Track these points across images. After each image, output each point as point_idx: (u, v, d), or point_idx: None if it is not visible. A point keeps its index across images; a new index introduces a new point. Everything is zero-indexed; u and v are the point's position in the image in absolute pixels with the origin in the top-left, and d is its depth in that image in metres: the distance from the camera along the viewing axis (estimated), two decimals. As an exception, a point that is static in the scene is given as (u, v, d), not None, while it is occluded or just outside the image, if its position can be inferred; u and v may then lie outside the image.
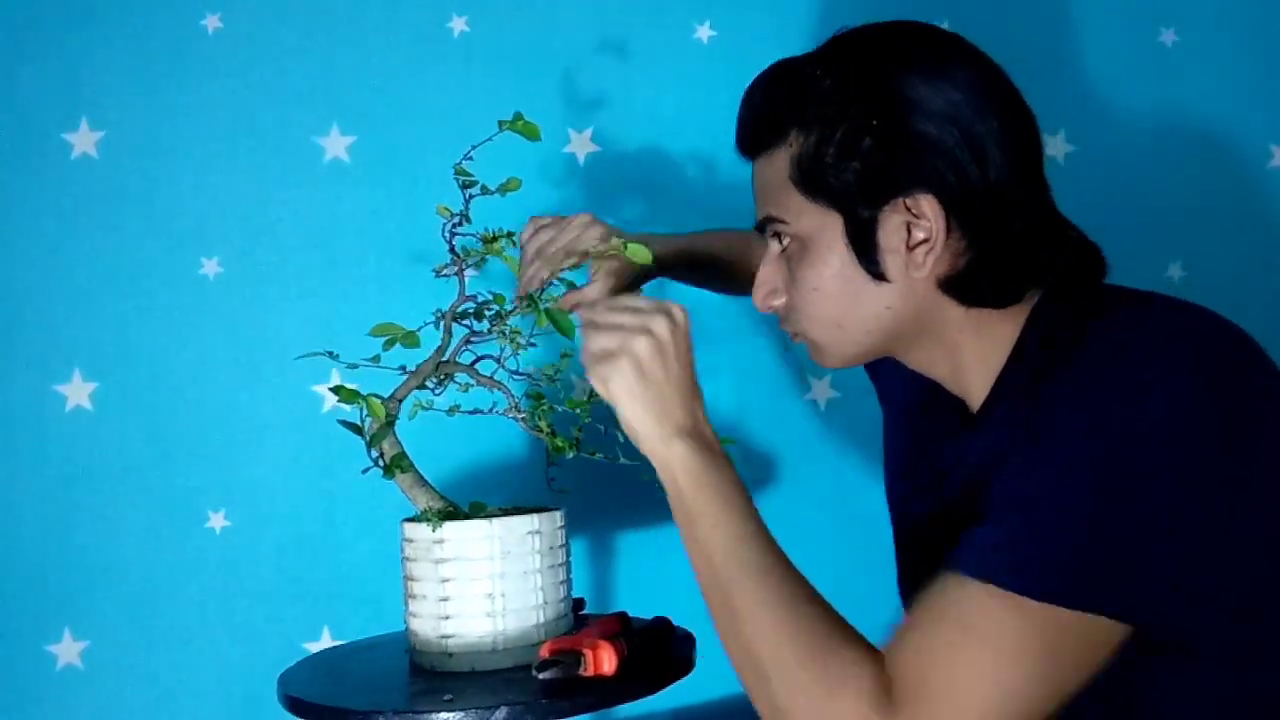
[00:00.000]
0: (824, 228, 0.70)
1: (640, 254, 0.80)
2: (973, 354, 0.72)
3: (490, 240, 0.81)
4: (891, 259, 0.69)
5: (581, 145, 1.15)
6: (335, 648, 0.96)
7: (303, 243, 1.11)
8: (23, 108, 1.07)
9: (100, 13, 1.08)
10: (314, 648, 1.07)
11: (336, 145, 1.12)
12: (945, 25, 1.18)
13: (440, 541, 0.76)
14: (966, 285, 0.69)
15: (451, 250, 0.80)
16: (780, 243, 0.74)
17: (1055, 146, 1.20)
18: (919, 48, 0.72)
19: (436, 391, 0.81)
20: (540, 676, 0.69)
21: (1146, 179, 1.21)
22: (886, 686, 0.59)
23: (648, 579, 1.14)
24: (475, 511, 0.80)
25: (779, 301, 0.75)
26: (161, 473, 1.07)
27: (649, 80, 1.16)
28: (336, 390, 0.79)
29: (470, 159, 0.80)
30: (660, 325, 0.68)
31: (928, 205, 0.67)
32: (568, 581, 0.81)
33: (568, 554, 0.82)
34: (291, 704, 0.72)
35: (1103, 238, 0.77)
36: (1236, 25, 1.22)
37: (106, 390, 1.07)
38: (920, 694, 0.58)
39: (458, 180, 0.80)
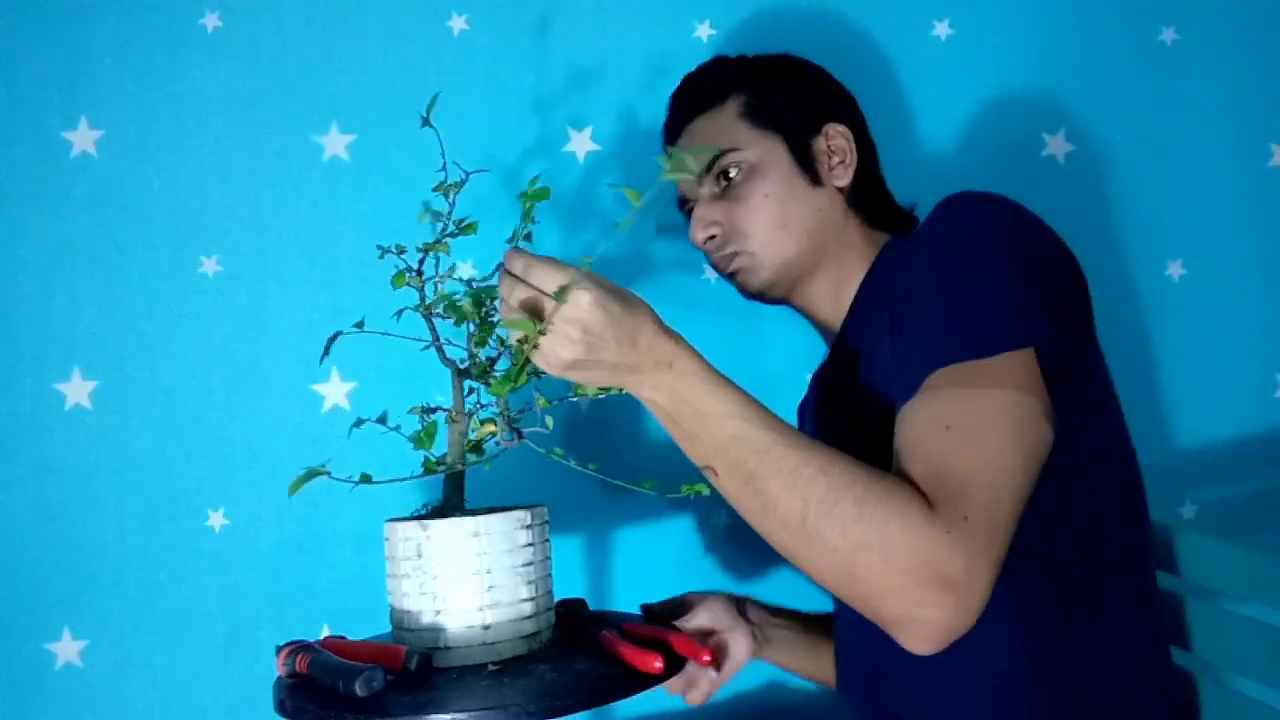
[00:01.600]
0: (770, 150, 0.93)
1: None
2: (848, 274, 0.94)
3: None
4: (820, 170, 0.94)
5: (581, 145, 1.15)
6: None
7: (303, 242, 1.11)
8: (22, 107, 1.07)
9: (100, 12, 1.08)
10: (313, 647, 1.07)
11: (336, 144, 1.12)
12: (945, 25, 1.20)
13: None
14: (863, 201, 0.95)
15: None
16: (727, 178, 0.93)
17: (1055, 146, 1.20)
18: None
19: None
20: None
21: (1146, 179, 1.21)
22: (922, 495, 0.66)
23: (644, 577, 1.14)
24: (451, 510, 0.79)
25: (718, 230, 0.94)
26: (161, 472, 1.07)
27: (649, 80, 1.16)
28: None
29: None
30: (571, 330, 0.68)
31: (843, 135, 0.95)
32: (484, 589, 0.75)
33: (518, 559, 0.76)
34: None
35: (1103, 238, 0.78)
36: (1236, 25, 1.22)
37: (106, 389, 1.07)
38: (951, 490, 0.66)
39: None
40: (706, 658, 0.75)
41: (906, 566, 0.64)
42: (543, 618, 0.77)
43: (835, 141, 0.94)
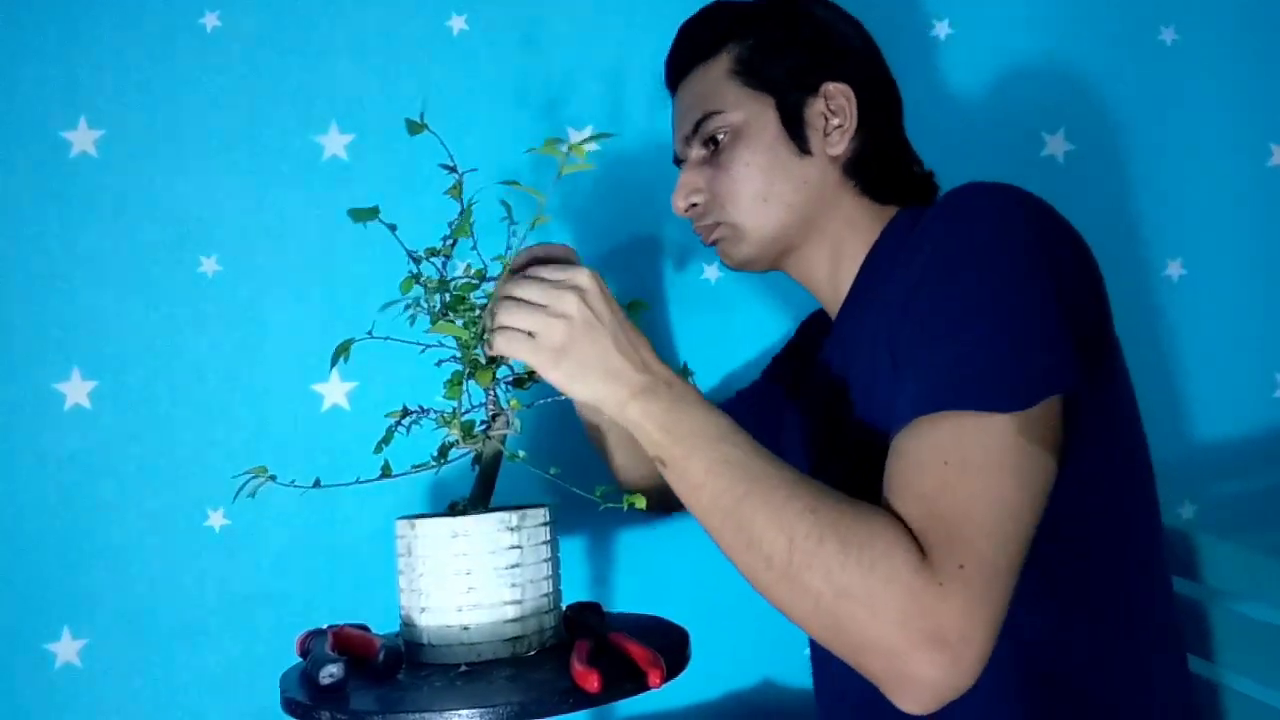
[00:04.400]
0: (759, 113, 0.84)
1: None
2: (848, 250, 0.86)
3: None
4: (814, 136, 0.84)
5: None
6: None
7: (303, 242, 1.11)
8: (22, 106, 1.07)
9: (100, 11, 1.08)
10: (313, 647, 1.08)
11: (336, 144, 1.12)
12: (945, 24, 1.20)
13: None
14: (862, 170, 0.85)
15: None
16: (715, 143, 0.86)
17: (1055, 146, 1.20)
18: None
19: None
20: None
21: (1146, 179, 1.21)
22: (913, 538, 0.61)
23: (642, 577, 1.14)
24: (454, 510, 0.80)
25: (700, 199, 0.87)
26: (161, 472, 1.07)
27: (648, 80, 1.16)
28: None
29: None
30: (571, 305, 0.70)
31: (843, 95, 0.84)
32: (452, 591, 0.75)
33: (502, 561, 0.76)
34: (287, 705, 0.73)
35: (1103, 237, 0.78)
36: (1236, 25, 1.22)
37: (106, 389, 1.07)
38: (946, 535, 0.60)
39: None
40: (657, 680, 0.70)
41: (894, 619, 0.59)
42: (531, 621, 0.76)
43: (835, 102, 0.84)
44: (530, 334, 0.70)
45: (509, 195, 0.80)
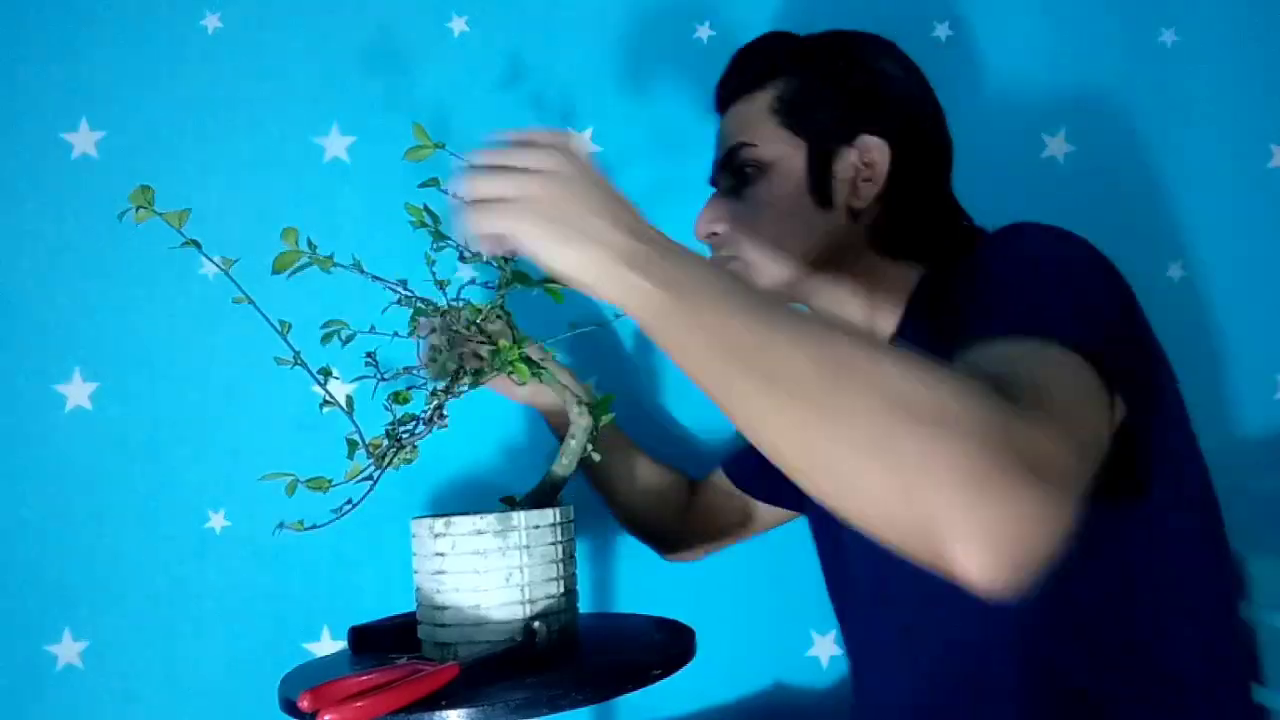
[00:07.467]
0: (788, 155, 0.83)
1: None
2: (881, 302, 0.84)
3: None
4: (839, 189, 0.83)
5: (581, 145, 1.15)
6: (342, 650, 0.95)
7: (304, 244, 1.11)
8: (23, 108, 1.07)
9: (100, 13, 1.08)
10: (314, 648, 1.07)
11: (336, 145, 1.12)
12: (945, 25, 1.20)
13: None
14: (885, 231, 0.83)
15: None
16: (745, 175, 0.85)
17: (1055, 146, 1.20)
18: (883, 41, 0.89)
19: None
20: None
21: (1146, 179, 1.21)
22: (994, 384, 0.50)
23: (648, 579, 1.14)
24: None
25: (721, 229, 0.86)
26: (161, 473, 1.07)
27: (649, 80, 1.16)
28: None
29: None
30: (554, 161, 0.61)
31: (878, 150, 0.82)
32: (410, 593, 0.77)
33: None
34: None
35: (1103, 237, 0.78)
36: (1236, 25, 1.22)
37: (106, 390, 1.07)
38: (1026, 381, 0.52)
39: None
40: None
41: (971, 434, 0.45)
42: (552, 619, 0.78)
43: (868, 156, 0.82)
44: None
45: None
